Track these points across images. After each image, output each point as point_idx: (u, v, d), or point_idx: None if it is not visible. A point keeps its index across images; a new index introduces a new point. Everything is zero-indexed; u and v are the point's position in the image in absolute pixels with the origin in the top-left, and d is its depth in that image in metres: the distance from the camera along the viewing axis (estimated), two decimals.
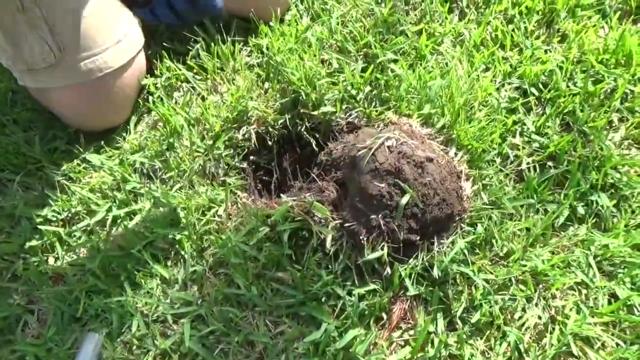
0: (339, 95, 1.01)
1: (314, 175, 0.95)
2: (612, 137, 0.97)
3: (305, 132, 1.04)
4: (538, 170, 0.96)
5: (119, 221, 0.92)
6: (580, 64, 1.05)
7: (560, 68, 1.04)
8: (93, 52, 0.92)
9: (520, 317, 0.82)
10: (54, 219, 0.93)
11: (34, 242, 0.91)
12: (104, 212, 0.92)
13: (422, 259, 0.84)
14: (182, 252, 0.89)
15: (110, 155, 1.00)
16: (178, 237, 0.89)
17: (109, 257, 0.89)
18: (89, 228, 0.92)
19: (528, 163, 0.96)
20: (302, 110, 1.03)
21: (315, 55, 1.05)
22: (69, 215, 0.94)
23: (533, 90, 1.03)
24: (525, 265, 0.85)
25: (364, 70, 1.04)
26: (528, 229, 0.89)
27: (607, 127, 0.99)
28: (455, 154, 0.96)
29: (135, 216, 0.92)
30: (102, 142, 1.01)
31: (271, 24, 1.10)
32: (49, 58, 0.89)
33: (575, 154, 0.95)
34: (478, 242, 0.87)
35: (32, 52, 0.89)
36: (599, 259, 0.87)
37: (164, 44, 1.10)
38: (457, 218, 0.89)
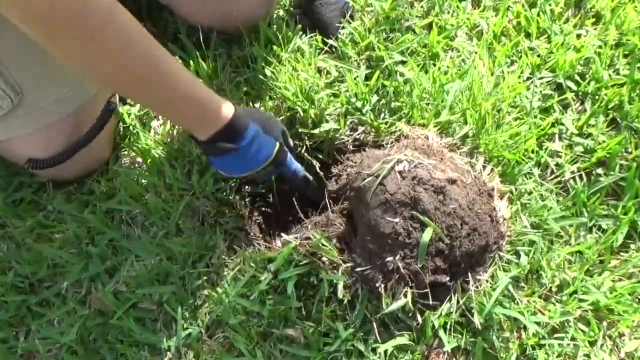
0: (341, 109, 0.89)
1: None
2: None
3: (306, 154, 0.92)
4: (585, 180, 0.84)
5: (96, 281, 0.80)
6: (621, 47, 0.94)
7: (598, 54, 0.93)
8: (53, 91, 0.81)
9: None
10: (21, 285, 0.81)
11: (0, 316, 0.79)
12: (78, 272, 0.80)
13: (457, 301, 0.72)
14: (172, 313, 0.76)
15: (81, 201, 0.87)
16: (166, 295, 0.78)
17: (87, 327, 0.77)
18: (62, 292, 0.80)
19: (572, 172, 0.85)
20: (300, 130, 0.91)
21: (310, 64, 0.93)
22: (38, 279, 0.82)
23: (569, 83, 0.92)
24: (583, 300, 0.72)
25: (368, 77, 0.92)
26: (581, 254, 0.77)
27: None
28: (484, 167, 0.82)
29: (115, 274, 0.80)
30: (72, 187, 0.88)
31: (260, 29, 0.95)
32: (5, 103, 0.79)
33: (629, 156, 0.84)
34: (523, 274, 0.73)
35: None
36: None
37: None
38: (494, 247, 0.75)
